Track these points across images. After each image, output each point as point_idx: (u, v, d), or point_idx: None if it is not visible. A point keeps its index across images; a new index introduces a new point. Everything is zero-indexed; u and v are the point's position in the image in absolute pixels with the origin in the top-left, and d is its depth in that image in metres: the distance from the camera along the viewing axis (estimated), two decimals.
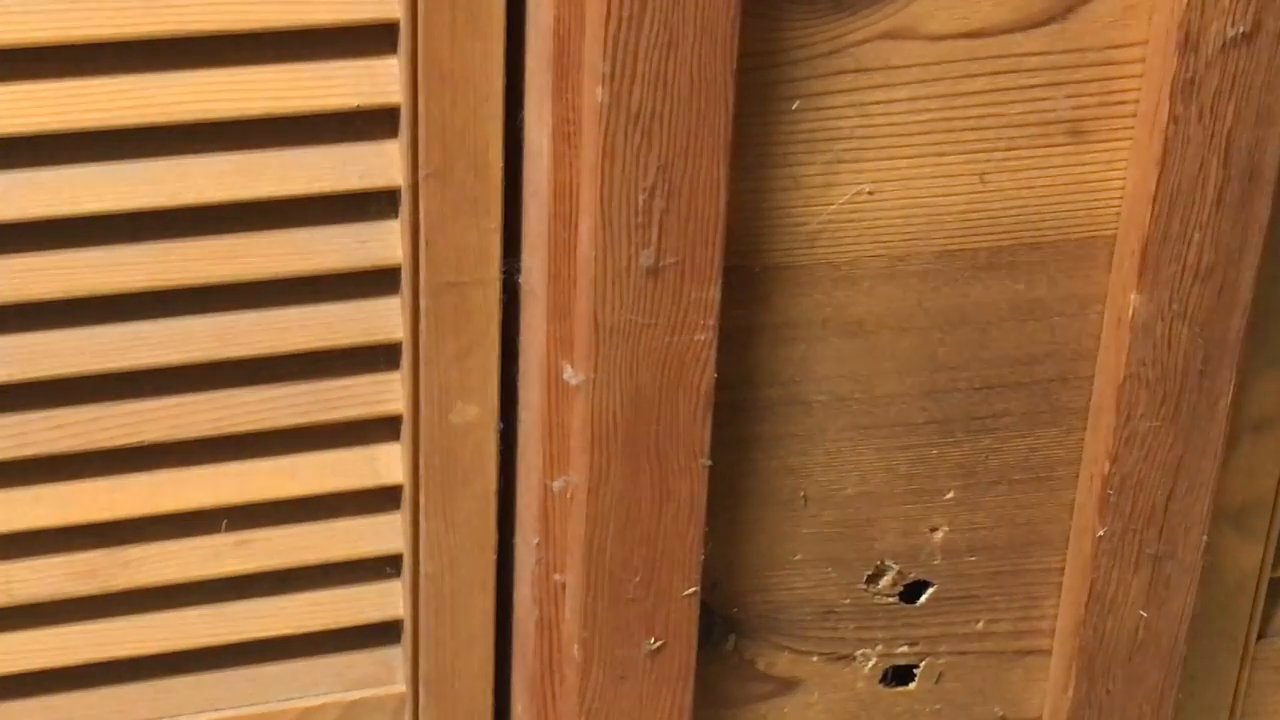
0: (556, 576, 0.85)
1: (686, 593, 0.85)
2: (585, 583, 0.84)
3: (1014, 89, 0.81)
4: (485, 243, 0.81)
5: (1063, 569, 0.93)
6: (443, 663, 0.89)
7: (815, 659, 0.92)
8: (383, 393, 0.84)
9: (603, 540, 0.83)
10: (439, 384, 0.83)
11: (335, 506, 0.86)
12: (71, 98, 0.75)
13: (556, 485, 0.83)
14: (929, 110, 0.81)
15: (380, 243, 0.81)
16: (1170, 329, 0.85)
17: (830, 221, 0.82)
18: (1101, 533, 0.90)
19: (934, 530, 0.91)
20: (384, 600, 0.88)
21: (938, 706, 0.96)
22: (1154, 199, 0.83)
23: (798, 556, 0.90)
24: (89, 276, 0.78)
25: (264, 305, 0.81)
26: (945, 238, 0.84)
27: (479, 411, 0.84)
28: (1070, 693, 0.94)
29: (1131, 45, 0.82)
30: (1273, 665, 1.03)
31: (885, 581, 0.92)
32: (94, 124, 0.75)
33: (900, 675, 0.95)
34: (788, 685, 0.93)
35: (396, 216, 0.80)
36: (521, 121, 0.80)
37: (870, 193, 0.82)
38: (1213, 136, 0.81)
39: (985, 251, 0.85)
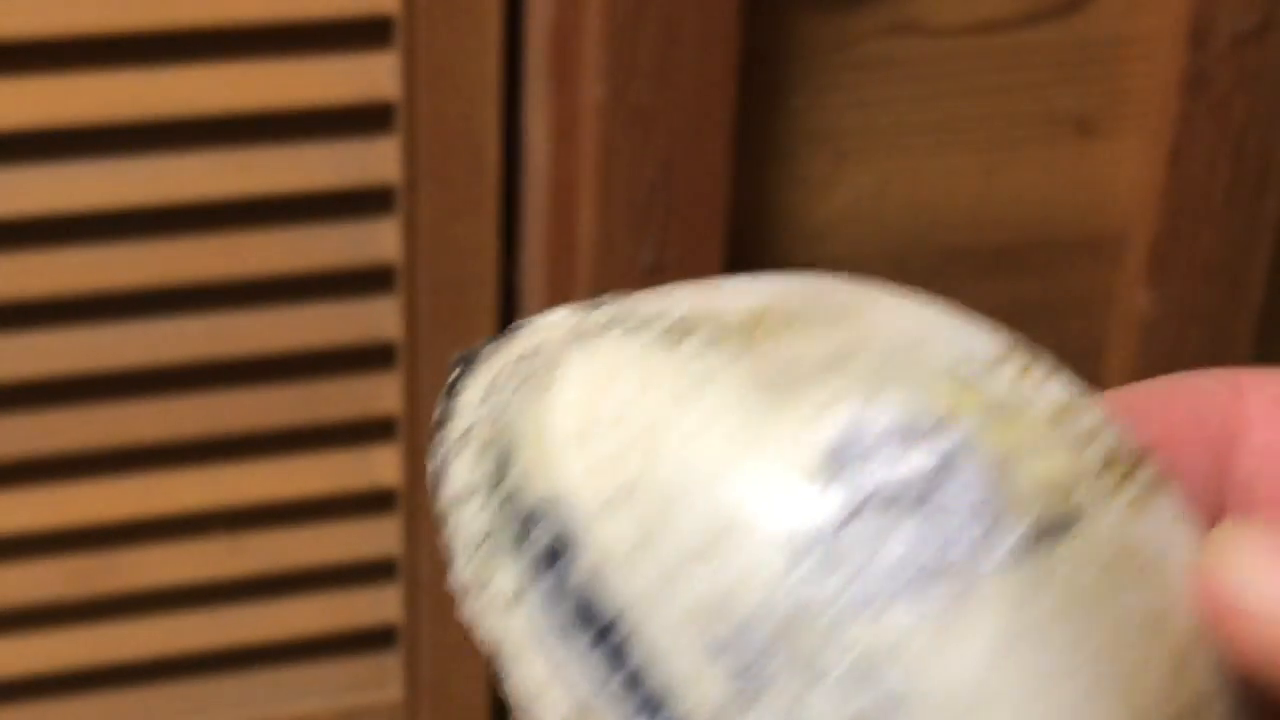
0: None
1: None
2: None
3: (1021, 84, 0.81)
4: (483, 241, 0.80)
5: None
6: (439, 667, 0.89)
7: None
8: (378, 393, 0.83)
9: None
10: (436, 385, 0.82)
11: (330, 509, 0.85)
12: (60, 93, 0.74)
13: None
14: (934, 106, 0.80)
15: (376, 241, 0.80)
16: (1179, 327, 0.85)
17: (834, 220, 0.81)
18: None
19: None
20: (380, 605, 0.88)
21: None
22: (1163, 196, 0.82)
23: None
24: (78, 275, 0.77)
25: (258, 304, 0.80)
26: (951, 236, 0.83)
27: None
28: None
29: (1140, 39, 0.81)
30: None
31: None
32: (83, 120, 0.74)
33: None
34: None
35: (393, 214, 0.80)
36: (520, 118, 0.79)
37: (875, 190, 0.81)
38: (1223, 132, 0.81)
39: (991, 249, 0.84)
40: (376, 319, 0.82)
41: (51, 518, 0.82)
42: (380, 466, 0.85)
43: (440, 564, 0.86)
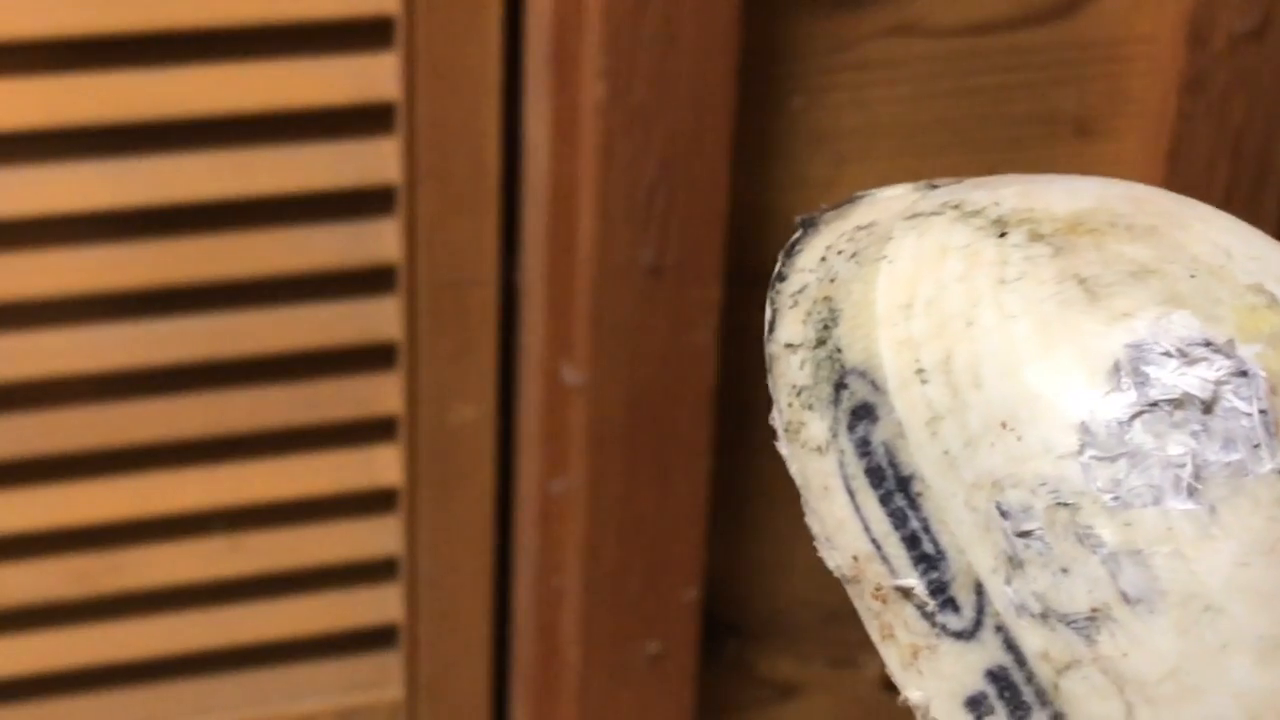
0: (555, 580, 0.84)
1: (687, 597, 0.84)
2: (585, 586, 0.83)
3: (1020, 85, 0.81)
4: (483, 241, 0.80)
5: None
6: (440, 667, 0.89)
7: (818, 664, 0.92)
8: (379, 393, 0.83)
9: (602, 543, 0.82)
10: (436, 384, 0.82)
11: (331, 509, 0.85)
12: (62, 94, 0.74)
13: (555, 487, 0.82)
14: (934, 107, 0.80)
15: (377, 241, 0.80)
16: None
17: None
18: None
19: None
20: (380, 604, 0.88)
21: None
22: None
23: (800, 559, 0.89)
24: (79, 275, 0.77)
25: (259, 304, 0.80)
26: None
27: (476, 412, 0.83)
28: None
29: (1139, 40, 0.81)
30: None
31: None
32: (85, 120, 0.74)
33: None
34: (790, 690, 0.92)
35: (393, 214, 0.80)
36: (520, 118, 0.79)
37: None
38: (1222, 133, 0.81)
39: None
40: (376, 319, 0.82)
41: (53, 517, 0.82)
42: (380, 466, 0.85)
43: (440, 564, 0.86)
